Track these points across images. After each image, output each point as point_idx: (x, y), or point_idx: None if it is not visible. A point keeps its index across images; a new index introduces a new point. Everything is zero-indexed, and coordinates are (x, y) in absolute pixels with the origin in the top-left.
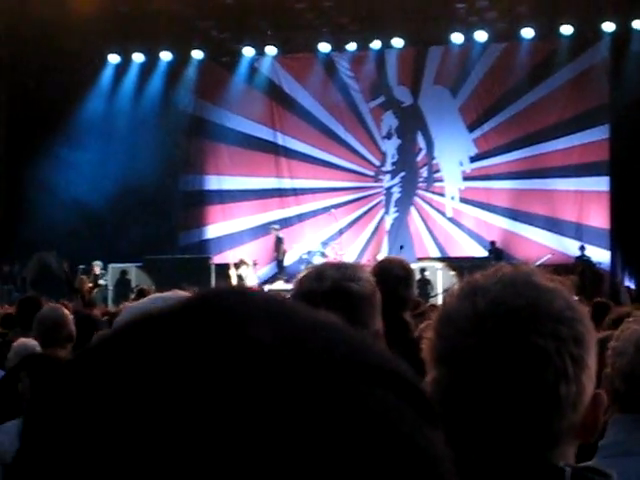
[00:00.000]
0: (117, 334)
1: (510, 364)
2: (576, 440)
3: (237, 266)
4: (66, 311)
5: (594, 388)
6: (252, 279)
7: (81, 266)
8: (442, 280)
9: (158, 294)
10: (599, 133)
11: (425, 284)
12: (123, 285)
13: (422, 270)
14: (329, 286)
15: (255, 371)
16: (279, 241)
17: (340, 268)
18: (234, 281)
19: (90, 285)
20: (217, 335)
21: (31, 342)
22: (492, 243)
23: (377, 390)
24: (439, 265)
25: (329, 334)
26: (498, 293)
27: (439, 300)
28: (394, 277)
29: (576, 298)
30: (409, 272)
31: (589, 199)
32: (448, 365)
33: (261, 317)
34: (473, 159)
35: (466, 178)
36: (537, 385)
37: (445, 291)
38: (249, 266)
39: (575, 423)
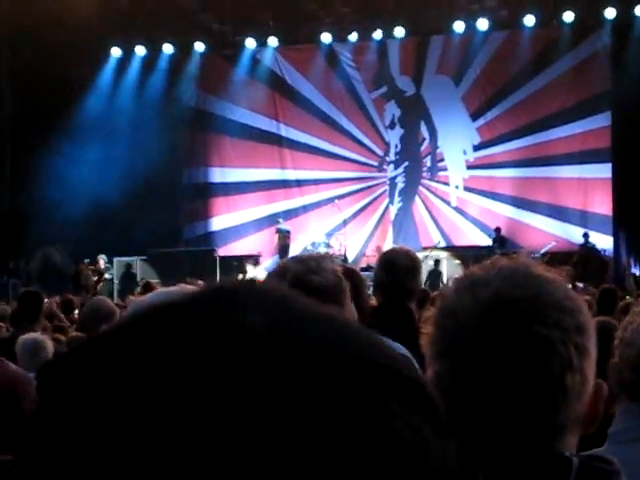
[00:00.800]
0: (118, 329)
1: (515, 355)
2: (579, 430)
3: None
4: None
5: (595, 378)
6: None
7: (86, 260)
8: (447, 269)
9: (163, 289)
10: (601, 120)
11: (437, 275)
12: (128, 279)
13: (436, 261)
14: (289, 280)
15: (250, 362)
16: (284, 233)
17: (303, 261)
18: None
19: (95, 279)
20: (214, 328)
21: (39, 337)
22: (497, 230)
23: (373, 388)
24: (444, 254)
25: (326, 327)
26: (498, 285)
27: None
28: (400, 267)
29: (581, 285)
30: (415, 262)
31: (593, 186)
32: (450, 360)
33: (259, 309)
34: (477, 148)
35: (470, 167)
36: (543, 375)
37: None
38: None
39: (580, 413)
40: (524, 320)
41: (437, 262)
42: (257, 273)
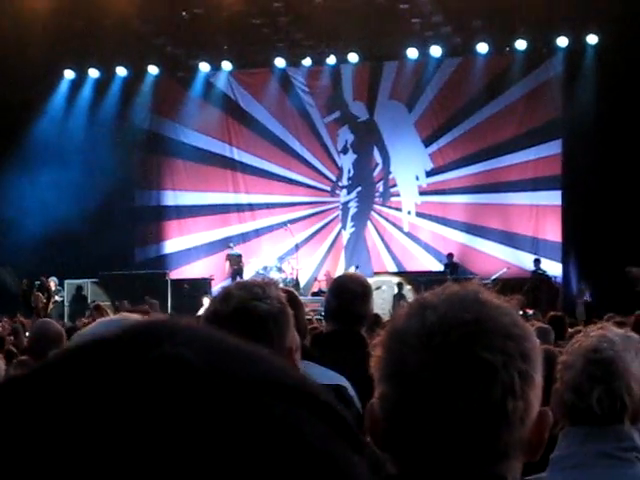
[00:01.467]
0: (50, 364)
1: (458, 379)
2: (523, 456)
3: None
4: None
5: (541, 406)
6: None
7: (37, 282)
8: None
9: (104, 318)
10: (552, 148)
11: (400, 299)
12: (79, 301)
13: (399, 285)
14: (234, 306)
15: (185, 392)
16: (235, 257)
17: (248, 287)
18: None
19: (44, 301)
20: (149, 359)
21: None
22: (449, 256)
23: (295, 409)
24: (395, 280)
25: (249, 357)
26: (447, 309)
27: None
28: (350, 293)
29: (531, 312)
30: (365, 288)
31: (544, 213)
32: (396, 381)
33: (190, 342)
34: (429, 174)
35: (422, 192)
36: (484, 400)
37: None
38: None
39: (523, 438)
40: (468, 344)
41: (400, 285)
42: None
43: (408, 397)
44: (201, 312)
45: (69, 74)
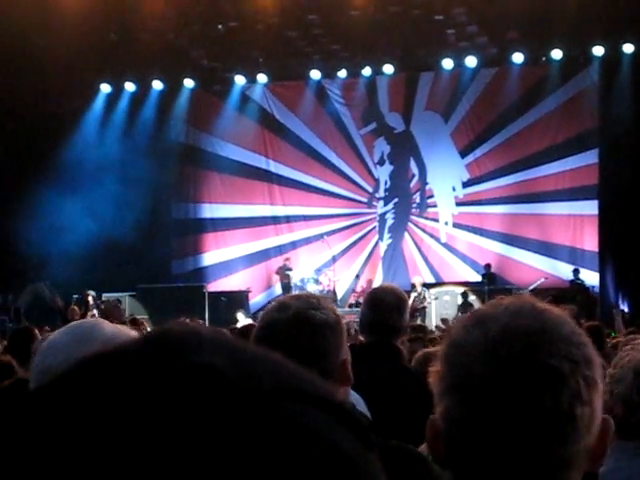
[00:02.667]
0: (78, 370)
1: (525, 388)
2: (584, 466)
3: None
4: None
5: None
6: None
7: (75, 296)
8: (437, 306)
9: (73, 323)
10: (589, 157)
11: (469, 307)
12: None
13: (464, 294)
14: (291, 315)
15: (215, 396)
16: (286, 271)
17: (303, 298)
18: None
19: (80, 315)
20: (179, 369)
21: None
22: (487, 267)
23: (322, 415)
24: (434, 291)
25: (276, 366)
26: (507, 320)
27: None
28: (385, 305)
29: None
30: (400, 300)
31: (581, 223)
32: (461, 394)
33: (216, 351)
34: (466, 184)
35: (459, 203)
36: (553, 407)
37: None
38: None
39: (588, 446)
40: (534, 352)
41: (465, 294)
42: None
43: (474, 410)
44: (239, 325)
45: (105, 88)
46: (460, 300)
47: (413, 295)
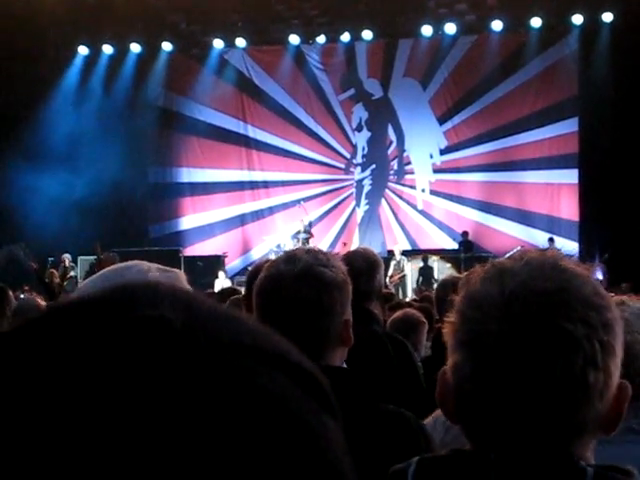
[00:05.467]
0: (32, 322)
1: (537, 349)
2: (599, 431)
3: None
4: (40, 302)
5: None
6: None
7: (50, 259)
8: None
9: (110, 268)
10: (569, 126)
11: (428, 271)
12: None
13: (424, 259)
14: (301, 269)
15: (167, 353)
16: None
17: (313, 253)
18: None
19: (58, 278)
20: (128, 320)
21: None
22: (464, 234)
23: (277, 375)
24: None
25: (234, 322)
26: (526, 276)
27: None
28: (355, 269)
29: None
30: (372, 264)
31: (559, 191)
32: (472, 350)
33: (172, 305)
34: (443, 151)
35: (436, 170)
36: (565, 372)
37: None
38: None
39: (601, 413)
40: (550, 314)
41: (425, 259)
42: (225, 282)
43: (484, 367)
44: (216, 287)
45: (83, 50)
46: (421, 264)
47: (393, 263)
